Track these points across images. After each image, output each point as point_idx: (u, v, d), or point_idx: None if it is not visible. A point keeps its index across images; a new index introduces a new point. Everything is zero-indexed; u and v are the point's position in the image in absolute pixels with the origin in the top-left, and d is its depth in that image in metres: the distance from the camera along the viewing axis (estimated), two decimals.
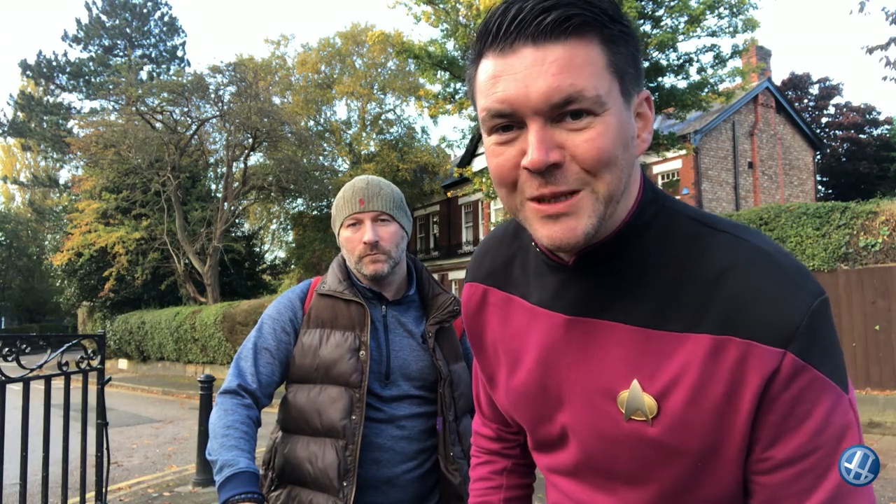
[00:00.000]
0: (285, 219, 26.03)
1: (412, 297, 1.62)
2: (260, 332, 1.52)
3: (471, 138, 19.40)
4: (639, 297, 0.71)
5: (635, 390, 0.70)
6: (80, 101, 36.72)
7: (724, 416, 0.66)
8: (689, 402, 0.67)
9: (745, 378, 0.65)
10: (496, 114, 0.66)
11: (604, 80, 0.64)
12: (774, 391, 0.64)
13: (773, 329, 0.64)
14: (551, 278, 0.79)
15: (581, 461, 0.79)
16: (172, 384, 15.14)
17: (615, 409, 0.72)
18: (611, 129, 0.64)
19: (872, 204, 7.80)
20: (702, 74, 12.44)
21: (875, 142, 25.53)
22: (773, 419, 0.65)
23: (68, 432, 3.34)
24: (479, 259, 0.94)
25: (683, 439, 0.68)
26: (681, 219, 0.75)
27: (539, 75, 0.63)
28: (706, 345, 0.66)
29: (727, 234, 0.72)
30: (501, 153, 0.68)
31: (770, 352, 0.64)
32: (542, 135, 0.64)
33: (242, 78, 18.19)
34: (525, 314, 0.83)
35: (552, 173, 0.65)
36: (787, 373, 0.64)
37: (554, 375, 0.78)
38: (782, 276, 0.67)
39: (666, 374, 0.68)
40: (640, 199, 0.74)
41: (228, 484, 1.23)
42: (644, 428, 0.70)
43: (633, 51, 0.68)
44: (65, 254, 19.35)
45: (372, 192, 1.53)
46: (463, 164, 20.79)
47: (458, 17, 12.35)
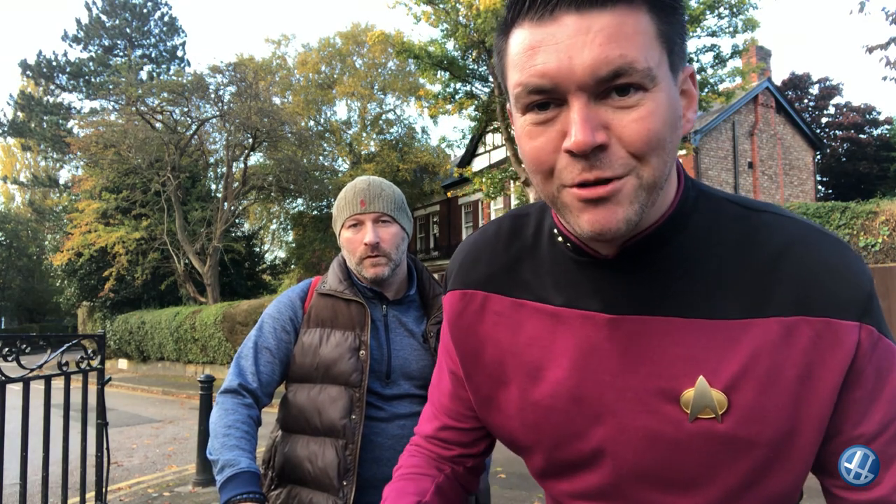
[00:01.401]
0: (285, 219, 26.03)
1: (413, 296, 1.62)
2: (260, 331, 1.53)
3: (471, 138, 19.39)
4: (692, 288, 0.66)
5: (702, 387, 0.64)
6: (80, 101, 36.73)
7: (801, 400, 0.63)
8: (761, 391, 0.63)
9: (823, 357, 0.62)
10: (534, 89, 0.59)
11: (654, 52, 0.58)
12: (859, 366, 0.63)
13: (847, 303, 0.62)
14: (583, 276, 0.72)
15: (622, 478, 0.71)
16: (172, 384, 15.14)
17: (677, 411, 0.66)
18: (661, 107, 0.59)
19: (872, 204, 7.81)
20: (702, 74, 12.44)
21: (875, 142, 25.53)
22: (860, 395, 0.64)
23: (68, 432, 3.34)
24: (470, 263, 0.83)
25: (758, 430, 0.64)
26: (722, 203, 0.71)
27: (584, 45, 0.56)
28: (776, 328, 0.63)
29: (769, 213, 0.69)
30: (539, 134, 0.61)
31: (848, 326, 0.62)
32: (587, 113, 0.58)
33: (242, 78, 18.18)
34: (545, 319, 0.74)
35: (597, 156, 0.58)
36: (867, 345, 0.63)
37: (593, 383, 0.70)
38: (839, 249, 0.65)
39: (733, 365, 0.64)
40: (683, 185, 0.70)
41: (230, 484, 1.24)
42: (713, 425, 0.65)
43: (681, 20, 0.62)
44: (65, 254, 19.33)
45: (373, 193, 1.53)
46: (463, 164, 20.83)
47: (458, 17, 12.35)
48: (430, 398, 0.97)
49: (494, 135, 20.60)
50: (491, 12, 10.75)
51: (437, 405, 0.93)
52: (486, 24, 11.00)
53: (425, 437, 0.94)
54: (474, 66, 13.13)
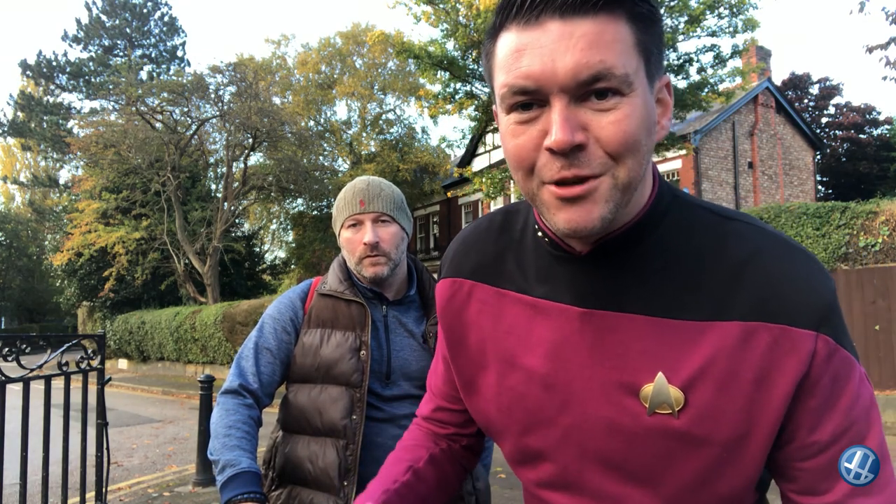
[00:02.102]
0: (285, 219, 26.03)
1: (413, 297, 1.62)
2: (261, 331, 1.53)
3: (471, 138, 19.40)
4: (658, 288, 0.69)
5: (661, 383, 0.67)
6: (80, 101, 36.70)
7: (755, 402, 0.65)
8: (718, 391, 0.66)
9: (778, 363, 0.64)
10: (519, 90, 0.63)
11: (632, 59, 0.62)
12: (815, 375, 0.65)
13: (805, 312, 0.64)
14: (560, 270, 0.75)
15: (584, 467, 0.75)
16: (172, 384, 15.14)
17: (637, 404, 0.69)
18: (637, 111, 0.62)
19: (872, 204, 7.80)
20: (702, 74, 12.44)
21: (875, 142, 25.53)
22: (814, 403, 0.66)
23: (68, 432, 3.34)
24: (462, 254, 0.88)
25: (711, 429, 0.66)
26: (693, 208, 0.74)
27: (567, 50, 0.60)
28: (736, 332, 0.65)
29: (740, 222, 0.71)
30: (521, 133, 0.64)
31: (804, 335, 0.64)
32: (567, 114, 0.61)
33: (242, 78, 18.18)
34: (525, 309, 0.78)
35: (576, 155, 0.62)
36: (823, 355, 0.64)
37: (564, 372, 0.74)
38: (804, 259, 0.68)
39: (692, 365, 0.67)
40: (658, 188, 0.73)
41: (231, 484, 1.24)
42: (669, 421, 0.67)
43: (659, 31, 0.66)
44: (65, 254, 19.34)
45: (372, 193, 1.53)
46: (463, 164, 20.82)
47: (458, 17, 12.35)
48: (428, 382, 1.04)
49: (494, 135, 20.60)
50: (491, 12, 10.74)
51: (434, 388, 1.00)
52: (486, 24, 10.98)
53: (424, 417, 1.02)
54: (474, 66, 13.12)
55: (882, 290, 7.44)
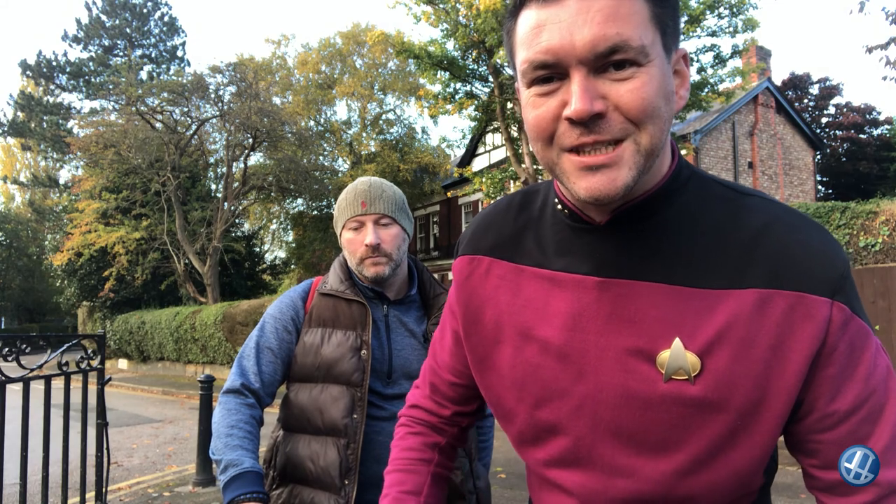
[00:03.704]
0: (285, 219, 26.02)
1: (413, 297, 1.63)
2: (262, 331, 1.53)
3: (471, 138, 19.39)
4: (675, 257, 0.70)
5: (677, 349, 0.68)
6: (80, 101, 36.74)
7: (771, 369, 0.66)
8: (734, 357, 0.66)
9: (793, 330, 0.65)
10: (539, 65, 0.65)
11: (648, 31, 0.64)
12: (831, 343, 0.65)
13: (820, 280, 0.66)
14: (578, 242, 0.76)
15: (596, 438, 0.74)
16: (172, 384, 15.14)
17: (653, 371, 0.69)
18: (654, 79, 0.64)
19: (872, 204, 7.80)
20: (702, 74, 12.43)
21: (875, 142, 25.52)
22: (832, 372, 0.66)
23: (68, 432, 3.34)
24: (482, 231, 0.89)
25: (726, 395, 0.67)
26: (712, 183, 0.75)
27: (584, 24, 0.62)
28: (752, 299, 0.66)
29: (757, 197, 0.73)
30: (541, 104, 0.66)
31: (820, 302, 0.65)
32: (586, 84, 0.63)
33: (242, 78, 18.17)
34: (543, 283, 0.78)
35: (595, 123, 0.64)
36: (839, 323, 0.65)
37: (580, 342, 0.74)
38: (818, 231, 0.69)
39: (709, 331, 0.67)
40: (678, 162, 0.75)
41: (233, 483, 1.24)
42: (685, 387, 0.68)
43: (674, 5, 0.67)
44: (65, 254, 19.33)
45: (374, 194, 1.54)
46: (463, 164, 20.82)
47: (458, 17, 12.34)
48: (428, 360, 1.03)
49: (494, 135, 20.61)
50: (491, 12, 10.74)
51: (438, 362, 0.99)
52: (486, 24, 10.99)
53: (417, 405, 1.02)
54: (474, 66, 13.11)
55: (882, 290, 7.44)
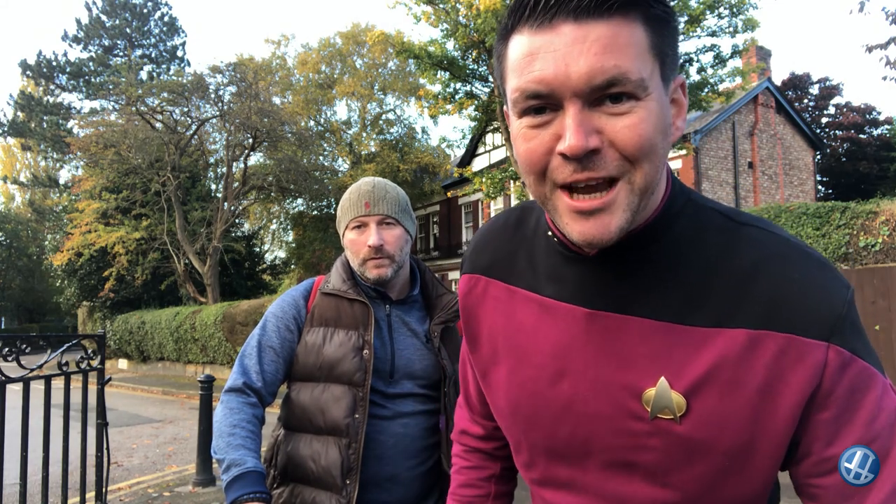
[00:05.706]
0: (285, 219, 26.00)
1: (416, 297, 1.63)
2: (264, 330, 1.53)
3: (471, 138, 19.39)
4: (665, 292, 0.68)
5: (663, 388, 0.66)
6: (80, 101, 36.70)
7: (760, 412, 0.64)
8: (721, 398, 0.64)
9: (784, 374, 0.63)
10: (532, 95, 0.62)
11: (647, 63, 0.60)
12: (827, 386, 0.62)
13: (814, 321, 0.62)
14: (569, 270, 0.74)
15: (588, 466, 0.74)
16: (172, 384, 15.13)
17: (640, 408, 0.68)
18: (652, 115, 0.61)
19: (872, 204, 7.80)
20: (702, 74, 12.44)
21: (875, 142, 25.51)
22: (827, 416, 0.63)
23: (68, 432, 3.34)
24: (480, 250, 0.89)
25: (714, 436, 0.65)
26: (707, 211, 0.72)
27: (581, 54, 0.59)
28: (742, 339, 0.64)
29: (753, 227, 0.69)
30: (533, 137, 0.63)
31: (813, 345, 0.62)
32: (581, 118, 0.60)
33: (242, 78, 18.16)
34: (535, 308, 0.77)
35: (589, 159, 0.60)
36: (835, 366, 0.62)
37: (570, 372, 0.73)
38: (817, 266, 0.66)
39: (695, 371, 0.65)
40: (671, 189, 0.72)
41: (236, 483, 1.24)
42: (671, 426, 0.66)
43: (674, 33, 0.64)
44: (65, 254, 19.32)
45: (377, 195, 1.53)
46: (463, 164, 20.82)
47: (458, 17, 12.34)
48: (459, 374, 1.04)
49: (494, 135, 20.60)
50: (491, 12, 10.74)
51: (466, 376, 1.01)
52: (486, 25, 10.99)
53: (467, 420, 1.04)
54: (474, 66, 13.12)
55: (882, 290, 7.44)
